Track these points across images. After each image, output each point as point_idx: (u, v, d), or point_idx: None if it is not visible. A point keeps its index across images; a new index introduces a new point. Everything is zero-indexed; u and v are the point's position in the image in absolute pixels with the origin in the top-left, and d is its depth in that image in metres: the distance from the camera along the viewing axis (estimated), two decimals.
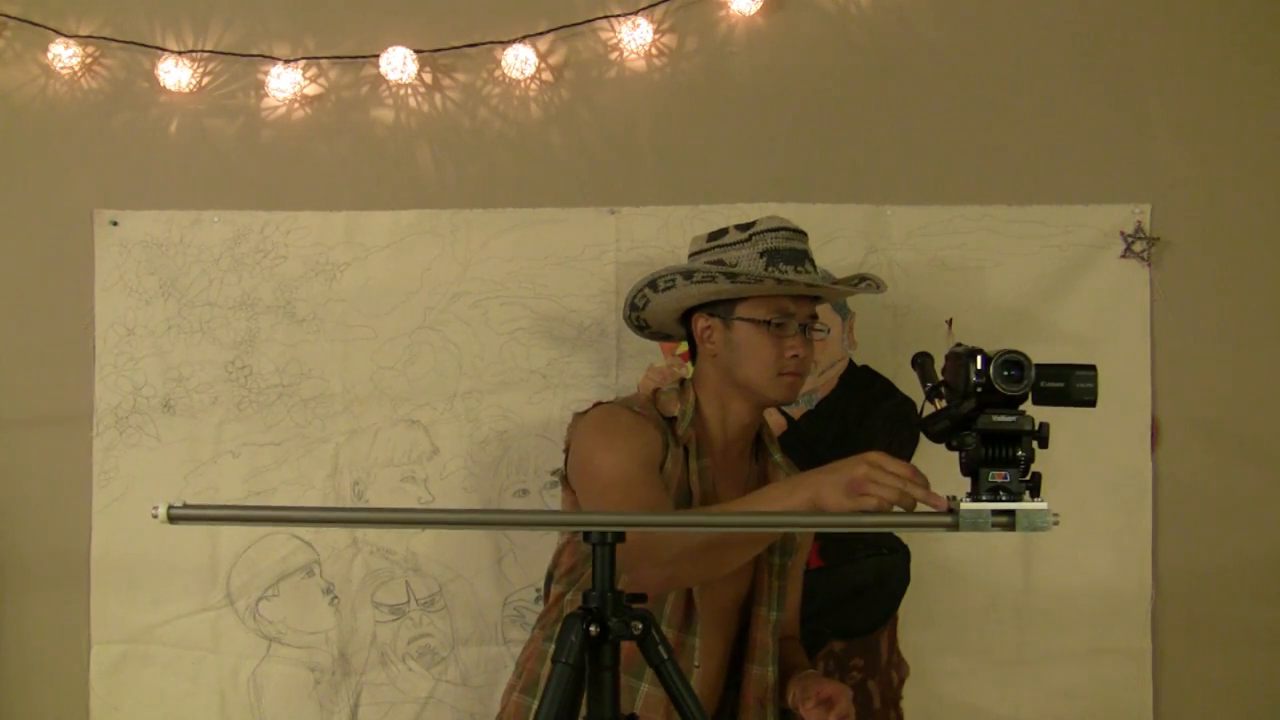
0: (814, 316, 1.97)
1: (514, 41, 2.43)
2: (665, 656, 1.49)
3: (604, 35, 2.47)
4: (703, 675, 1.91)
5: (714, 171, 2.46)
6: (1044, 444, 1.44)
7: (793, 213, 2.41)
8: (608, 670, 1.47)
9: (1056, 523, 1.42)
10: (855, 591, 2.40)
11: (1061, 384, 1.45)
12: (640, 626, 1.48)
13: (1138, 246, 2.43)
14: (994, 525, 1.40)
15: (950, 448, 1.46)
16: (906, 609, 2.42)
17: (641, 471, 1.84)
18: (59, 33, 2.43)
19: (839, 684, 1.87)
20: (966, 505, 1.41)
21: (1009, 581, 2.42)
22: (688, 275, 1.92)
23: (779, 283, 1.87)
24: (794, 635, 2.14)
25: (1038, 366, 1.42)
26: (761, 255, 1.90)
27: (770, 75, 2.48)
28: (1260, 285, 2.46)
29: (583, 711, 1.47)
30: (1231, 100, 2.47)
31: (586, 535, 1.51)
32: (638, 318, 2.07)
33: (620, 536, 1.51)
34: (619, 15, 2.45)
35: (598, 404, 1.99)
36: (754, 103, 2.48)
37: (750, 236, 1.93)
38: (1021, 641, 2.42)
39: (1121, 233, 2.43)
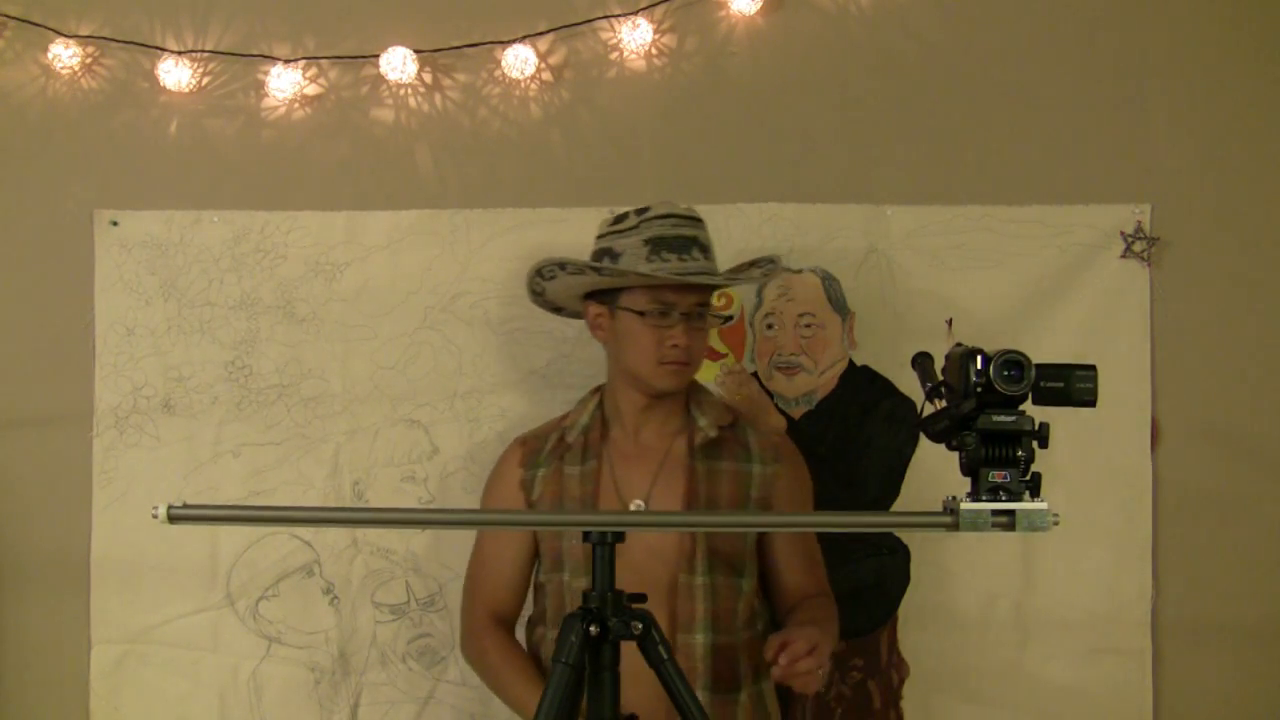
0: (704, 304, 1.98)
1: (514, 41, 2.43)
2: (665, 656, 1.49)
3: (604, 35, 2.47)
4: None
5: (714, 171, 2.46)
6: (1044, 444, 1.44)
7: (792, 213, 2.43)
8: (607, 670, 1.48)
9: (1057, 523, 1.42)
10: (855, 591, 2.40)
11: (1061, 384, 1.45)
12: (640, 626, 1.48)
13: (1138, 246, 2.43)
14: (994, 525, 1.40)
15: (950, 448, 1.46)
16: (906, 609, 2.42)
17: (485, 575, 2.12)
18: (59, 33, 2.43)
19: (805, 628, 1.82)
20: (966, 505, 1.41)
21: (1009, 581, 2.42)
22: (563, 266, 1.97)
23: (642, 277, 1.90)
24: (814, 593, 2.06)
25: (1038, 366, 1.42)
26: (646, 243, 1.93)
27: (770, 75, 2.48)
28: (1260, 285, 2.46)
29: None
30: (1232, 100, 2.47)
31: (586, 535, 1.51)
32: (544, 301, 2.12)
33: (620, 537, 1.52)
34: (619, 15, 2.45)
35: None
36: (754, 103, 2.48)
37: (639, 224, 1.96)
38: (1021, 641, 2.42)
39: (1121, 233, 2.43)
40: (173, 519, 1.41)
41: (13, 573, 2.42)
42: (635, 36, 2.43)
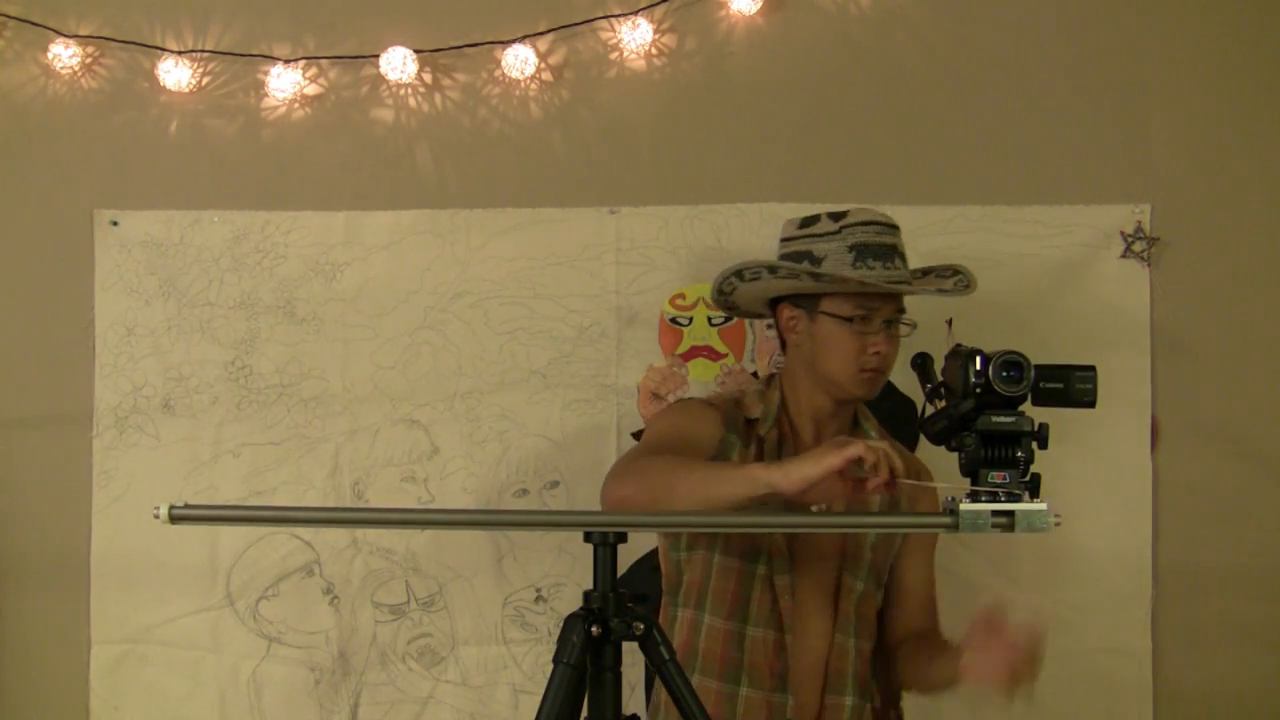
0: (901, 311, 1.94)
1: (514, 41, 2.43)
2: (667, 657, 1.49)
3: (604, 35, 2.47)
4: (807, 646, 1.90)
5: (714, 171, 2.46)
6: (1044, 445, 1.44)
7: (793, 213, 2.40)
8: (609, 670, 1.48)
9: (1058, 523, 1.42)
10: None
11: (1061, 385, 1.45)
12: (642, 627, 1.48)
13: (1138, 246, 2.43)
14: (994, 526, 1.40)
15: (950, 448, 1.46)
16: None
17: (675, 437, 1.88)
18: (59, 33, 2.43)
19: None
20: (966, 506, 1.41)
21: (1009, 581, 2.42)
22: (773, 270, 1.92)
23: (860, 284, 1.86)
24: (926, 631, 2.02)
25: (1037, 367, 1.42)
26: (850, 250, 1.88)
27: (770, 75, 2.48)
28: (1260, 285, 2.46)
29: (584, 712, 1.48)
30: (1231, 100, 2.47)
31: (588, 535, 1.51)
32: (726, 301, 2.06)
33: (622, 537, 1.51)
34: (619, 15, 2.45)
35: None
36: (754, 103, 2.48)
37: (840, 229, 1.90)
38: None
39: (1121, 233, 2.43)
40: (174, 519, 1.41)
41: (13, 573, 2.42)
42: (635, 36, 2.43)
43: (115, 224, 2.44)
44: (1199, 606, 2.41)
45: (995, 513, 1.40)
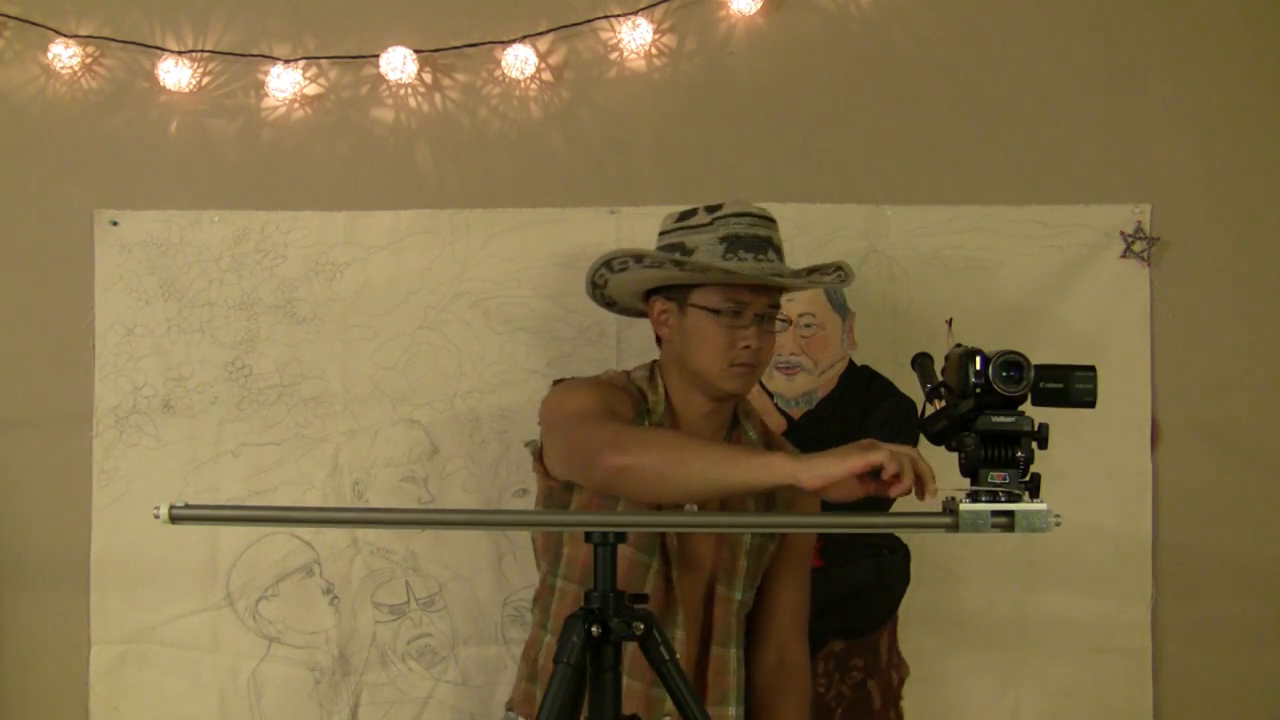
0: (774, 306, 1.91)
1: (514, 41, 2.43)
2: (667, 657, 1.49)
3: (604, 35, 2.47)
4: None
5: (714, 171, 2.46)
6: (1043, 445, 1.44)
7: (793, 213, 2.43)
8: (609, 671, 1.48)
9: (1058, 523, 1.42)
10: (855, 591, 2.40)
11: (1061, 385, 1.45)
12: (642, 627, 1.48)
13: (1138, 246, 2.43)
14: (993, 526, 1.40)
15: (950, 448, 1.46)
16: (906, 609, 2.42)
17: (605, 409, 1.82)
18: (59, 33, 2.43)
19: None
20: (966, 506, 1.41)
21: (1009, 581, 2.42)
22: (639, 259, 1.90)
23: (726, 274, 1.84)
24: (792, 662, 2.05)
25: (1037, 367, 1.42)
26: (721, 241, 1.86)
27: (770, 75, 2.48)
28: (1260, 285, 2.46)
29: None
30: (1231, 100, 2.47)
31: (588, 535, 1.51)
32: (601, 295, 2.05)
33: (621, 537, 1.51)
34: (619, 15, 2.45)
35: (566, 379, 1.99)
36: (754, 103, 2.48)
37: (714, 221, 1.89)
38: (1021, 641, 2.42)
39: (1121, 233, 2.43)
40: (174, 519, 1.40)
41: (13, 573, 2.42)
42: (635, 36, 2.43)
43: (115, 224, 2.44)
44: (1199, 606, 2.41)
45: (995, 513, 1.40)
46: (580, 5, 2.46)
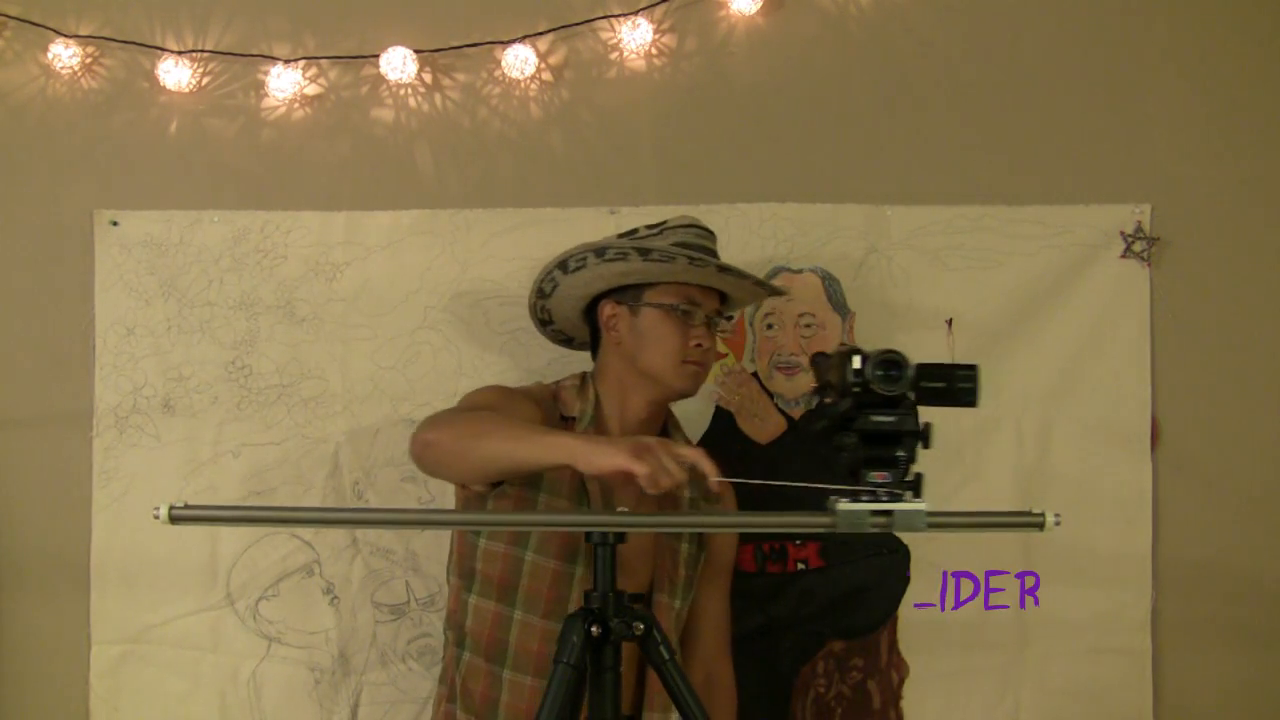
0: (719, 311, 1.99)
1: (514, 41, 2.43)
2: (667, 656, 1.50)
3: (604, 35, 2.47)
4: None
5: (714, 171, 2.46)
6: (927, 444, 1.43)
7: (793, 213, 2.43)
8: (609, 671, 1.48)
9: (1058, 523, 1.42)
10: (855, 591, 2.40)
11: (943, 384, 1.43)
12: (642, 627, 1.48)
13: (1138, 246, 2.43)
14: (873, 525, 1.40)
15: (831, 448, 1.45)
16: (906, 609, 2.42)
17: (486, 406, 1.87)
18: (59, 33, 2.43)
19: None
20: (844, 505, 1.40)
21: (1009, 581, 2.42)
22: (599, 252, 1.92)
23: (691, 261, 1.88)
24: (719, 680, 2.09)
25: (918, 366, 1.41)
26: (675, 245, 1.91)
27: (770, 75, 2.48)
28: (1260, 285, 2.46)
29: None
30: (1231, 100, 2.47)
31: (588, 536, 1.51)
32: (542, 307, 2.07)
33: (621, 537, 1.51)
34: (619, 15, 2.45)
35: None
36: (754, 103, 2.48)
37: (662, 230, 1.96)
38: (1022, 641, 2.42)
39: (1121, 233, 2.43)
40: (174, 519, 1.41)
41: (13, 573, 2.41)
42: (635, 36, 2.43)
43: (115, 224, 2.44)
44: (1199, 606, 2.41)
45: (874, 512, 1.40)
46: (580, 5, 2.46)
